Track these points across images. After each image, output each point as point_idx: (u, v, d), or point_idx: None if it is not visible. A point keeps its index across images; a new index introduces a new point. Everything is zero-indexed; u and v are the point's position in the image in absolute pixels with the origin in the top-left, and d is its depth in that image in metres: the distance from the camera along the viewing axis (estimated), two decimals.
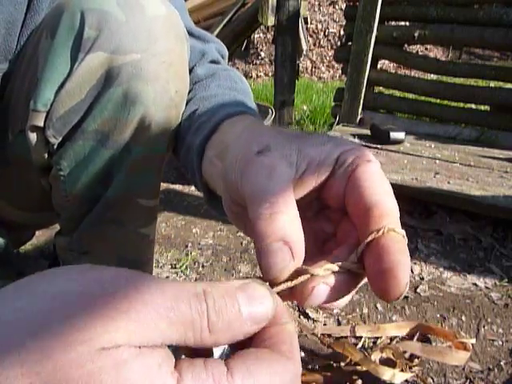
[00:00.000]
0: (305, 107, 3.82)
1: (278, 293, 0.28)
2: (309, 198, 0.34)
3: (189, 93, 0.65)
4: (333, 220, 0.35)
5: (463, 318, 1.21)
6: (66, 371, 0.20)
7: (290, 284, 0.29)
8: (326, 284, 0.29)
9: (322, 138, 0.34)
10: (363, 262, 0.29)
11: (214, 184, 0.50)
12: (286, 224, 0.29)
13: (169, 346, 0.23)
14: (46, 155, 0.63)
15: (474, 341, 1.10)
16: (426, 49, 6.77)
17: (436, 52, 6.93)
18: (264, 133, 0.37)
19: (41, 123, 0.60)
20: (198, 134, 0.53)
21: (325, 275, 0.29)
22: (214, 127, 0.51)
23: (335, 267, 0.29)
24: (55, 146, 0.62)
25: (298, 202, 0.31)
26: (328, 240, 0.35)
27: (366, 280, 0.32)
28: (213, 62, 0.70)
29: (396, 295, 0.27)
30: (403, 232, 0.29)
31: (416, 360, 1.03)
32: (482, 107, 2.64)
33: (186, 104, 0.63)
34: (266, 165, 0.32)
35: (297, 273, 0.29)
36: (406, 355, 1.04)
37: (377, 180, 0.31)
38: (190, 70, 0.66)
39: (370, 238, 0.29)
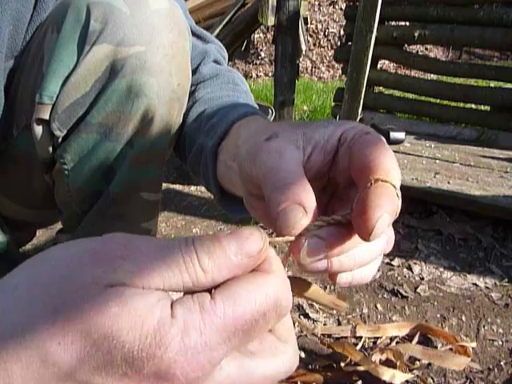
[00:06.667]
0: (305, 107, 3.82)
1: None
2: (320, 183, 0.36)
3: (194, 92, 0.65)
4: (343, 197, 0.37)
5: (463, 318, 1.21)
6: (78, 305, 0.23)
7: (282, 239, 0.31)
8: (318, 236, 0.31)
9: (325, 122, 0.36)
10: None
11: (231, 185, 0.50)
12: (299, 191, 0.31)
13: None
14: (51, 149, 0.64)
15: (474, 344, 1.10)
16: (426, 49, 6.78)
17: (436, 52, 6.93)
18: (271, 124, 0.40)
19: (46, 116, 0.60)
20: (211, 135, 0.54)
21: (316, 229, 0.31)
22: (226, 129, 0.51)
23: (324, 222, 0.31)
24: (60, 140, 0.62)
25: (311, 186, 0.33)
26: None
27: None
28: (215, 61, 0.70)
29: (368, 231, 0.29)
30: (394, 182, 0.30)
31: (417, 362, 1.03)
32: (482, 107, 2.64)
33: (193, 105, 0.63)
34: (275, 148, 0.34)
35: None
36: (406, 357, 1.04)
37: (374, 144, 0.33)
38: (195, 69, 0.67)
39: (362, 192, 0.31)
